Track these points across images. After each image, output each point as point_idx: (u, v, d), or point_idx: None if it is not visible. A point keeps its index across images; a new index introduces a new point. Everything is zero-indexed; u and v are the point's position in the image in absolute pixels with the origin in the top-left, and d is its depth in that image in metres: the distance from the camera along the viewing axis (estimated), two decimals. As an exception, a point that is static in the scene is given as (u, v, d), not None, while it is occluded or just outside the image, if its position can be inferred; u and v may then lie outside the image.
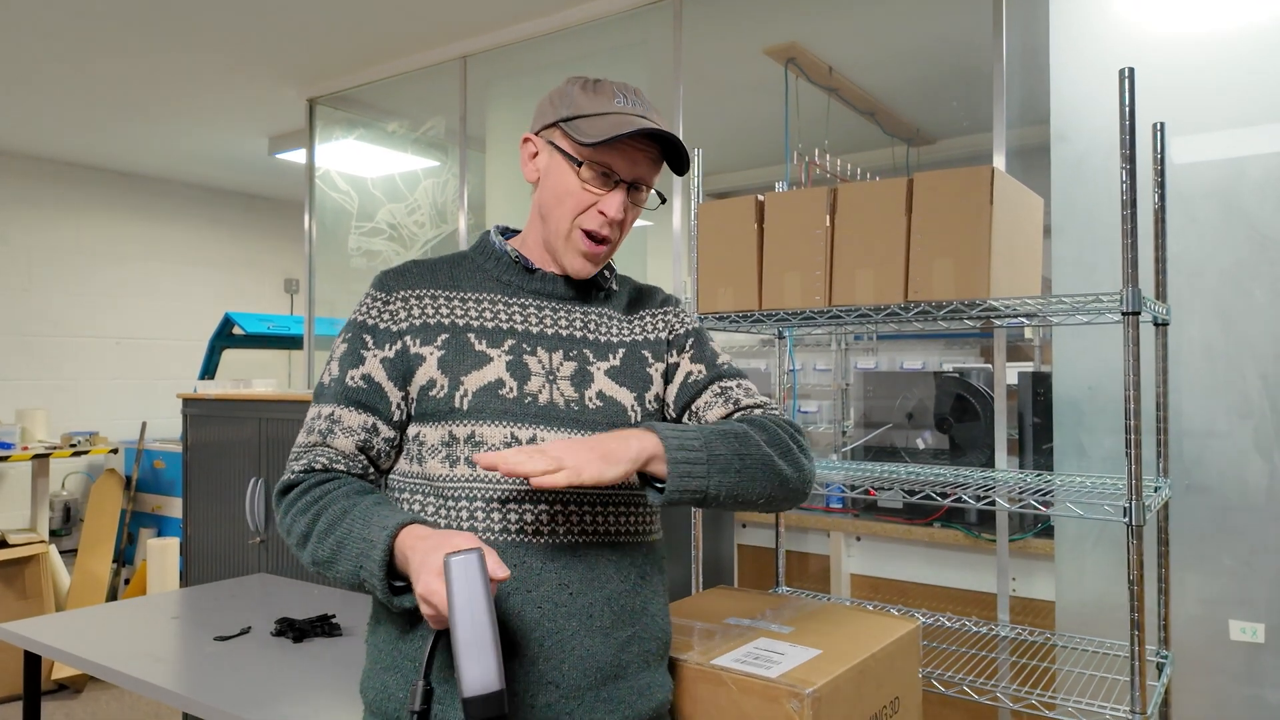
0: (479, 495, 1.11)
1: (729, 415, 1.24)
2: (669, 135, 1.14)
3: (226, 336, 5.37)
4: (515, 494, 1.12)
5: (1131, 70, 1.50)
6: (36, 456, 4.91)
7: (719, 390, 1.26)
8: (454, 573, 0.90)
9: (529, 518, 1.11)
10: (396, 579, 1.03)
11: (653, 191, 1.22)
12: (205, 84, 4.17)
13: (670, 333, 1.29)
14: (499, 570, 0.94)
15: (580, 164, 1.15)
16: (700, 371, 1.27)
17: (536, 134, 1.21)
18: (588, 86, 1.17)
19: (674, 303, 1.34)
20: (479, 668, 0.87)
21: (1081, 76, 2.25)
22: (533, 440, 1.13)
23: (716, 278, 1.94)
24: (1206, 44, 2.10)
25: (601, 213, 1.16)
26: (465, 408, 1.12)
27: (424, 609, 0.95)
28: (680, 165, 1.20)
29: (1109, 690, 1.84)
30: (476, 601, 0.89)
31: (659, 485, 1.09)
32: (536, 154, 1.21)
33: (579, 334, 1.22)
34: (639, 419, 1.21)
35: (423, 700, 1.00)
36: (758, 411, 1.25)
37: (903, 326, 1.95)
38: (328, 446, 1.15)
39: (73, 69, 3.97)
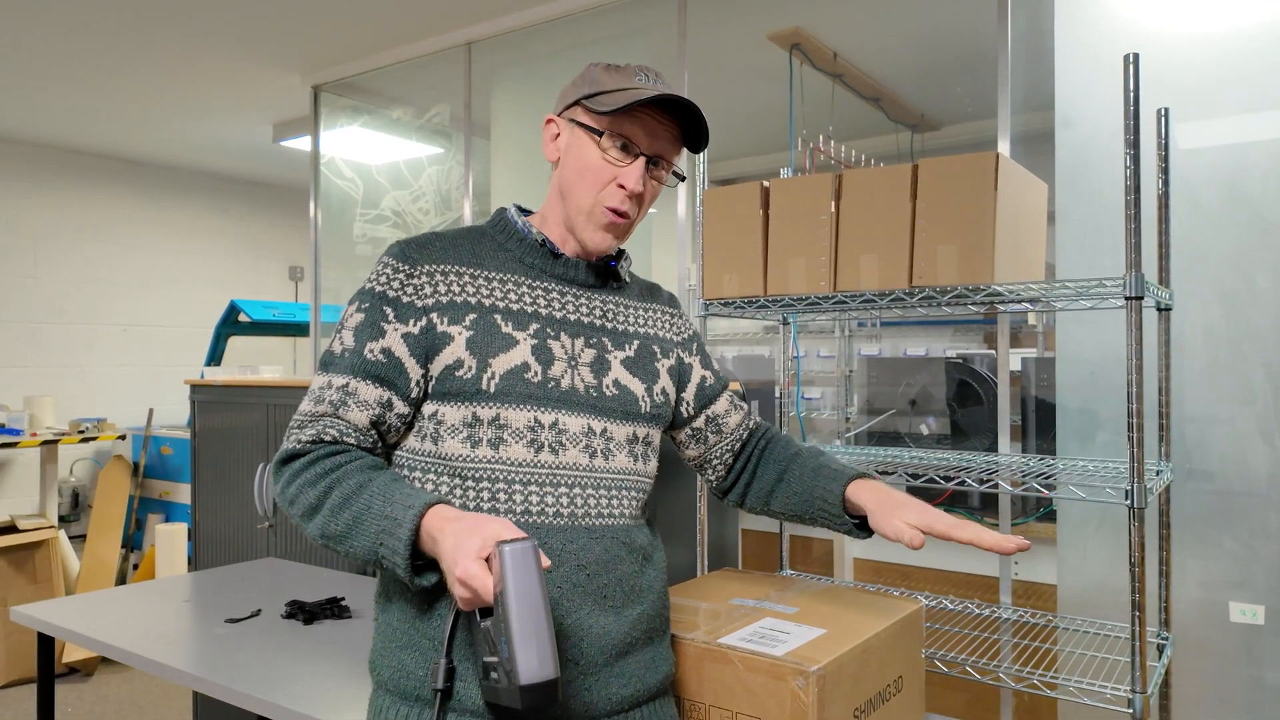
0: (500, 477, 1.12)
1: (742, 421, 1.46)
2: (686, 102, 1.15)
3: (232, 323, 5.39)
4: (536, 477, 1.13)
5: (1136, 56, 1.50)
6: (45, 443, 4.94)
7: (730, 399, 1.44)
8: (509, 561, 0.91)
9: (549, 500, 1.13)
10: (416, 558, 1.04)
11: (673, 170, 1.23)
12: (210, 71, 4.18)
13: (679, 335, 1.38)
14: (544, 559, 0.95)
15: (600, 134, 1.16)
16: (712, 378, 1.42)
17: (559, 115, 1.23)
18: (610, 67, 1.19)
19: (677, 304, 1.43)
20: (536, 656, 0.89)
21: (1086, 62, 2.25)
22: (554, 425, 1.15)
23: (721, 264, 1.95)
24: (1210, 30, 2.10)
25: (621, 186, 1.17)
26: (492, 390, 1.13)
27: (460, 592, 0.95)
28: (698, 141, 1.21)
29: (1110, 670, 1.86)
30: (533, 591, 0.90)
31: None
32: (559, 135, 1.22)
33: (598, 321, 1.24)
34: (648, 409, 1.25)
35: (445, 678, 1.03)
36: (759, 420, 1.50)
37: (907, 312, 1.96)
38: (339, 419, 1.13)
39: (77, 56, 3.97)
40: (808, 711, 1.16)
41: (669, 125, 1.18)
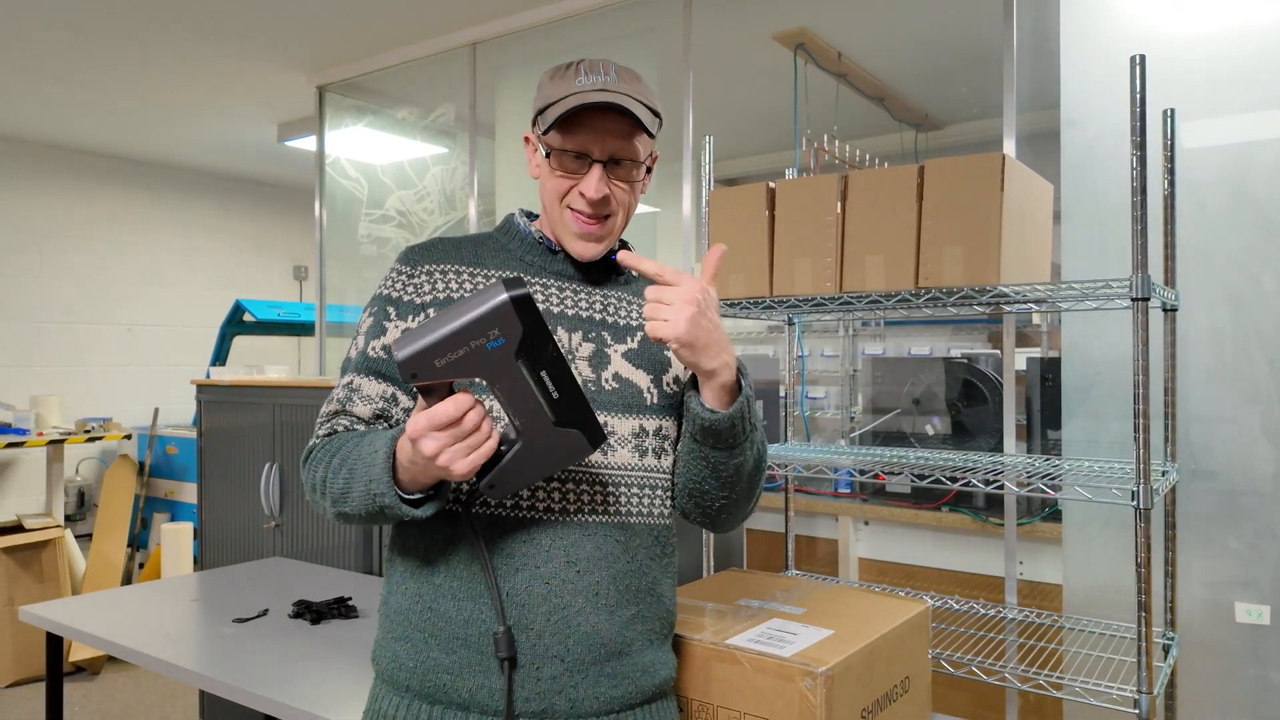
0: None
1: None
2: (616, 105, 1.11)
3: (237, 323, 5.41)
4: None
5: (1142, 57, 1.50)
6: (51, 442, 4.96)
7: None
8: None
9: (540, 494, 1.13)
10: (414, 495, 1.05)
11: (643, 165, 1.19)
12: (215, 71, 4.19)
13: None
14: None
15: (549, 154, 1.16)
16: None
17: (532, 131, 1.23)
18: (557, 73, 1.17)
19: None
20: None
21: (1092, 62, 2.25)
22: None
23: (727, 264, 1.96)
24: (1216, 29, 2.10)
25: (582, 194, 1.16)
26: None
27: (443, 427, 0.96)
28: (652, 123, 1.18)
29: (1115, 671, 1.87)
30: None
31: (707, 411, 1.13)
32: (536, 150, 1.23)
33: (598, 316, 1.23)
34: (654, 401, 1.22)
35: (507, 647, 1.07)
36: None
37: (912, 313, 1.96)
38: (347, 414, 1.17)
39: (83, 56, 3.99)
40: (816, 712, 1.16)
41: (616, 121, 1.14)
